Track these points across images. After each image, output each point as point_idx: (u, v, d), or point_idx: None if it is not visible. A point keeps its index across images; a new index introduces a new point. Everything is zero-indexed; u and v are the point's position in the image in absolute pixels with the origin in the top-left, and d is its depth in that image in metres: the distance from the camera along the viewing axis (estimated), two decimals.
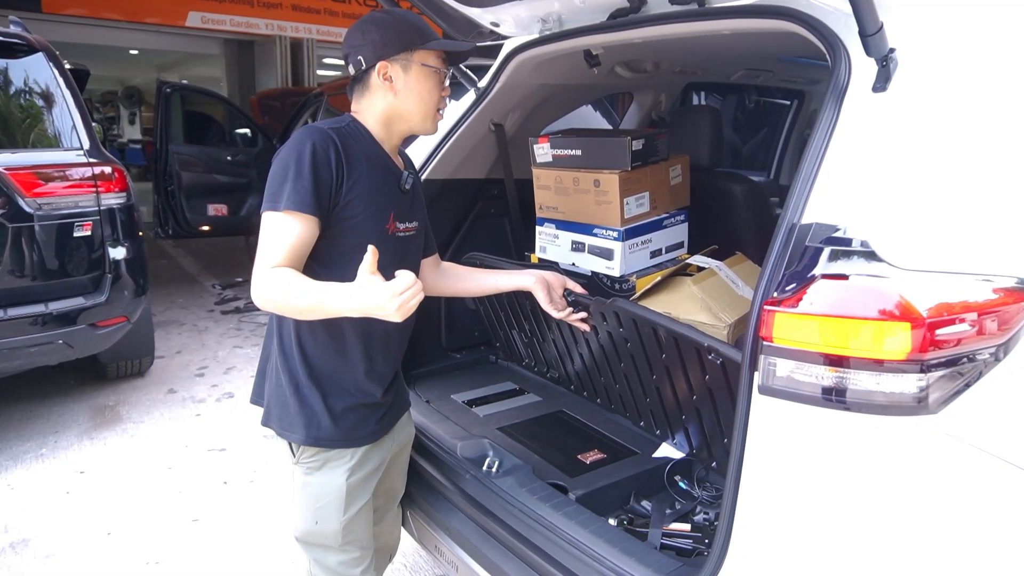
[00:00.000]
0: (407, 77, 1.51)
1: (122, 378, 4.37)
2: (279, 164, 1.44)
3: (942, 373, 1.02)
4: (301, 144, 1.43)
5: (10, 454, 3.44)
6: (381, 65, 1.50)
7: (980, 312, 1.06)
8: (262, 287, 1.38)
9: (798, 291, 1.06)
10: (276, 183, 1.42)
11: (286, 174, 1.41)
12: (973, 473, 1.06)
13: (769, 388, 1.08)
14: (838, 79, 1.32)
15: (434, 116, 1.56)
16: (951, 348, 1.03)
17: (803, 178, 1.24)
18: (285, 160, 1.43)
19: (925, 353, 1.00)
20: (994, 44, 1.36)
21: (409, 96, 1.52)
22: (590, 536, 1.47)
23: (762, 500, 1.14)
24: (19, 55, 3.44)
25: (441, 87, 1.55)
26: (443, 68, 1.54)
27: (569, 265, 2.27)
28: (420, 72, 1.51)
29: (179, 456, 3.45)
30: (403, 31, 1.51)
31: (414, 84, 1.51)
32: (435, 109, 1.55)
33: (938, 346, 1.01)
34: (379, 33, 1.51)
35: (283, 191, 1.40)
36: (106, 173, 3.51)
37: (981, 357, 1.07)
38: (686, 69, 2.73)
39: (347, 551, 1.64)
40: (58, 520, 2.88)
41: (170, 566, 2.61)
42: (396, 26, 1.51)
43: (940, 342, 1.01)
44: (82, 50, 10.87)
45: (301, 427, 1.55)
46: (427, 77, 1.52)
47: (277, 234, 1.40)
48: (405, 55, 1.50)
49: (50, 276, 3.37)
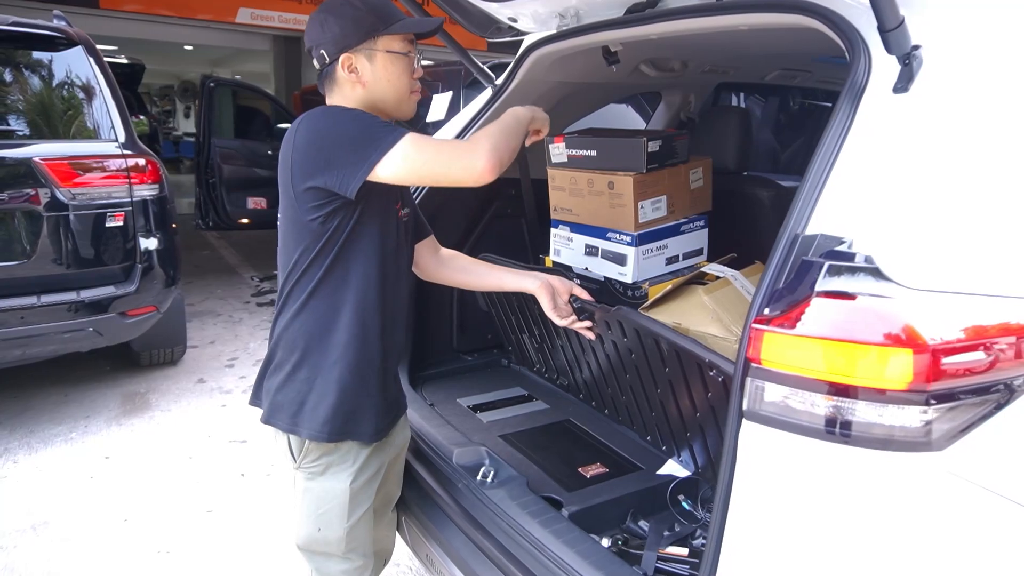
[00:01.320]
0: (373, 67, 1.45)
1: (155, 366, 4.46)
2: (347, 126, 1.36)
3: (950, 406, 0.92)
4: (339, 108, 1.44)
5: (42, 436, 3.53)
6: (344, 58, 1.45)
7: (1000, 338, 0.95)
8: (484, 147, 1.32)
9: (790, 309, 0.96)
10: (367, 135, 1.33)
11: (366, 124, 1.36)
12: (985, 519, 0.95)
13: (756, 414, 0.99)
14: (856, 78, 1.22)
15: (408, 99, 1.51)
16: (962, 378, 0.92)
17: (810, 185, 1.14)
18: (344, 121, 1.37)
19: (930, 383, 0.90)
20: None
21: (378, 85, 1.46)
22: (575, 557, 1.40)
23: (748, 534, 1.05)
24: (60, 48, 3.52)
25: (411, 69, 1.48)
26: (411, 51, 1.47)
27: (582, 269, 2.19)
28: (386, 59, 1.45)
29: (201, 446, 3.49)
30: (361, 19, 1.43)
31: (381, 73, 1.45)
32: (408, 92, 1.50)
33: (946, 376, 0.91)
34: (338, 24, 1.45)
35: (384, 131, 1.34)
36: (139, 165, 3.57)
37: (999, 389, 0.96)
38: (715, 68, 2.61)
39: (350, 559, 1.60)
40: (79, 504, 2.93)
41: (180, 555, 2.63)
42: (354, 15, 1.44)
43: (948, 372, 0.91)
44: (140, 45, 11.25)
45: (310, 422, 1.49)
46: (394, 63, 1.45)
47: (428, 139, 1.37)
48: (368, 44, 1.44)
49: (82, 265, 3.44)
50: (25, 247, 3.31)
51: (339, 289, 1.48)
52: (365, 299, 1.49)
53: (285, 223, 1.50)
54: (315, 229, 1.43)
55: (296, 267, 1.48)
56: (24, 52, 3.51)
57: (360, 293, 1.49)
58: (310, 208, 1.42)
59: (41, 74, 3.54)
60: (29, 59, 3.52)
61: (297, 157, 1.40)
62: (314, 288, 1.48)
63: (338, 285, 1.48)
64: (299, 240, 1.47)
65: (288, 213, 1.47)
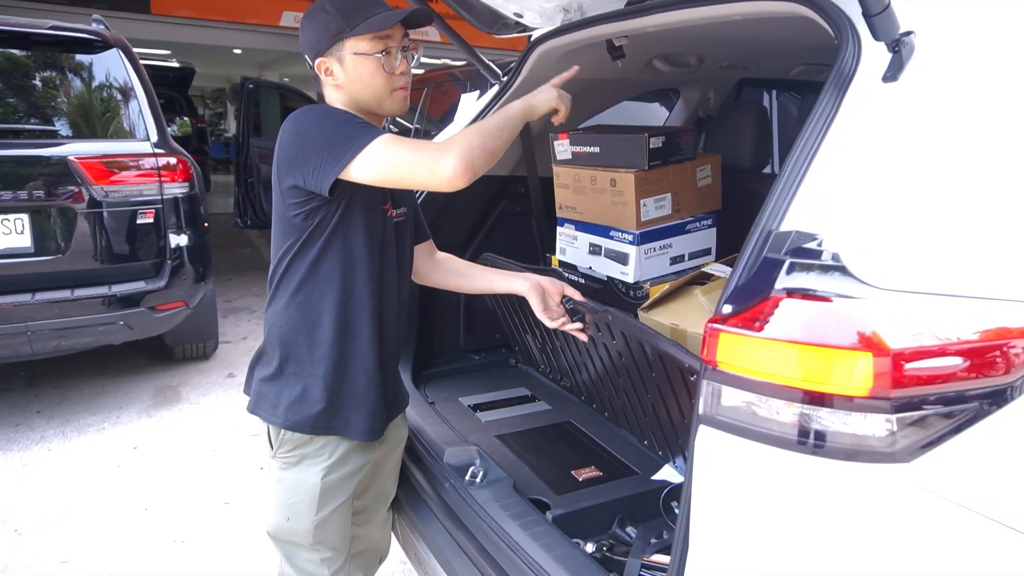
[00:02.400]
0: (344, 69, 1.45)
1: (188, 360, 4.57)
2: (324, 125, 1.37)
3: (919, 415, 0.85)
4: (319, 107, 1.43)
5: (77, 426, 3.66)
6: (319, 62, 1.46)
7: (977, 344, 0.88)
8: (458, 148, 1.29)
9: (746, 309, 0.91)
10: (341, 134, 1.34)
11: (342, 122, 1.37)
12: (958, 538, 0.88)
13: (712, 419, 0.94)
14: (843, 65, 1.16)
15: (390, 96, 1.48)
16: (931, 386, 0.86)
17: (787, 178, 1.08)
18: (322, 120, 1.38)
19: (893, 390, 0.83)
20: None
21: (353, 86, 1.46)
22: (551, 561, 1.36)
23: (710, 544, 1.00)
24: (97, 50, 3.64)
25: (383, 67, 1.45)
26: (386, 47, 1.44)
27: (587, 269, 2.15)
28: (355, 61, 1.44)
29: (225, 439, 3.56)
30: (329, 22, 1.43)
31: (352, 74, 1.45)
32: (388, 90, 1.47)
33: (912, 383, 0.84)
34: (311, 28, 1.46)
35: (358, 130, 1.34)
36: (171, 164, 3.67)
37: (976, 399, 0.88)
38: (733, 64, 2.53)
39: (317, 551, 1.60)
40: (104, 493, 3.02)
41: (194, 545, 2.68)
42: (323, 18, 1.44)
43: (915, 378, 0.84)
44: (192, 49, 11.60)
45: (288, 413, 1.51)
46: (363, 64, 1.44)
47: (400, 141, 1.34)
48: (336, 47, 1.44)
49: (114, 260, 3.55)
50: (60, 243, 3.43)
51: (323, 285, 1.49)
52: (349, 297, 1.50)
53: (275, 218, 1.53)
54: (298, 225, 1.46)
55: (282, 261, 1.51)
56: (62, 55, 3.64)
57: (344, 291, 1.49)
58: (292, 204, 1.44)
59: (79, 76, 3.67)
60: (67, 61, 3.65)
61: (280, 155, 1.43)
62: (299, 283, 1.50)
63: (322, 281, 1.49)
64: (286, 235, 1.50)
65: (277, 208, 1.50)
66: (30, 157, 3.41)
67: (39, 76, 3.63)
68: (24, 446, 3.41)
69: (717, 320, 0.93)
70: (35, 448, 3.40)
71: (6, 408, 3.80)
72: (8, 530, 2.73)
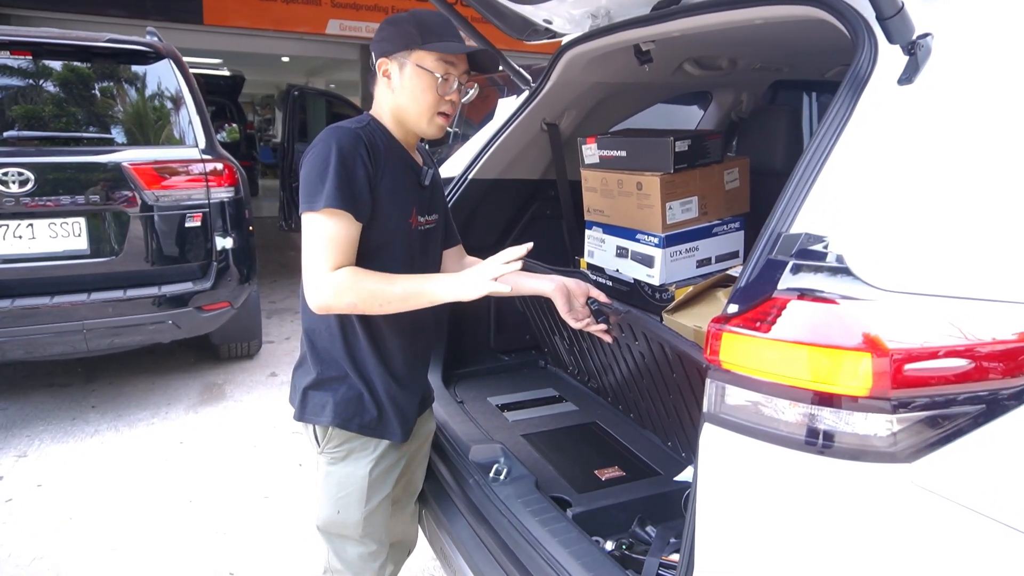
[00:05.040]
0: (402, 76, 1.52)
1: (233, 359, 4.73)
2: (311, 164, 1.43)
3: (921, 416, 0.86)
4: (329, 144, 1.43)
5: (128, 420, 3.83)
6: (381, 61, 1.53)
7: (981, 347, 0.88)
8: (332, 290, 1.37)
9: (749, 309, 0.93)
10: (311, 183, 1.41)
11: (322, 174, 1.40)
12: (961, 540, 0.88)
13: (716, 417, 0.96)
14: (858, 68, 1.16)
15: (430, 118, 1.53)
16: (933, 387, 0.86)
17: (799, 180, 1.09)
18: (317, 160, 1.42)
19: (892, 391, 0.84)
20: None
21: (403, 94, 1.52)
22: (568, 558, 1.39)
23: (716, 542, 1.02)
24: (150, 61, 3.81)
25: (437, 89, 1.50)
26: (445, 72, 1.51)
27: (614, 271, 2.17)
28: (413, 72, 1.50)
29: (266, 435, 3.68)
30: (407, 30, 1.50)
31: (407, 83, 1.51)
32: (431, 111, 1.52)
33: (913, 384, 0.85)
34: (388, 31, 1.54)
35: (320, 190, 1.39)
36: (217, 169, 3.81)
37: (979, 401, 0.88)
38: (767, 66, 2.52)
39: (365, 544, 1.67)
40: (152, 485, 3.16)
41: (235, 538, 2.79)
42: (404, 25, 1.52)
43: (916, 379, 0.85)
44: (242, 58, 11.96)
45: (338, 413, 1.57)
46: (420, 77, 1.50)
47: (322, 234, 1.39)
48: (403, 54, 1.51)
49: (164, 262, 3.71)
50: (114, 245, 3.60)
51: None
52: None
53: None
54: None
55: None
56: (118, 66, 3.81)
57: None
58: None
59: (133, 85, 3.84)
60: (122, 72, 3.82)
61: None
62: None
63: None
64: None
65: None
66: (87, 164, 3.59)
67: (96, 86, 3.81)
68: (79, 439, 3.58)
69: (720, 320, 0.95)
70: (89, 441, 3.57)
71: (65, 403, 3.99)
72: (63, 517, 2.88)
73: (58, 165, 3.50)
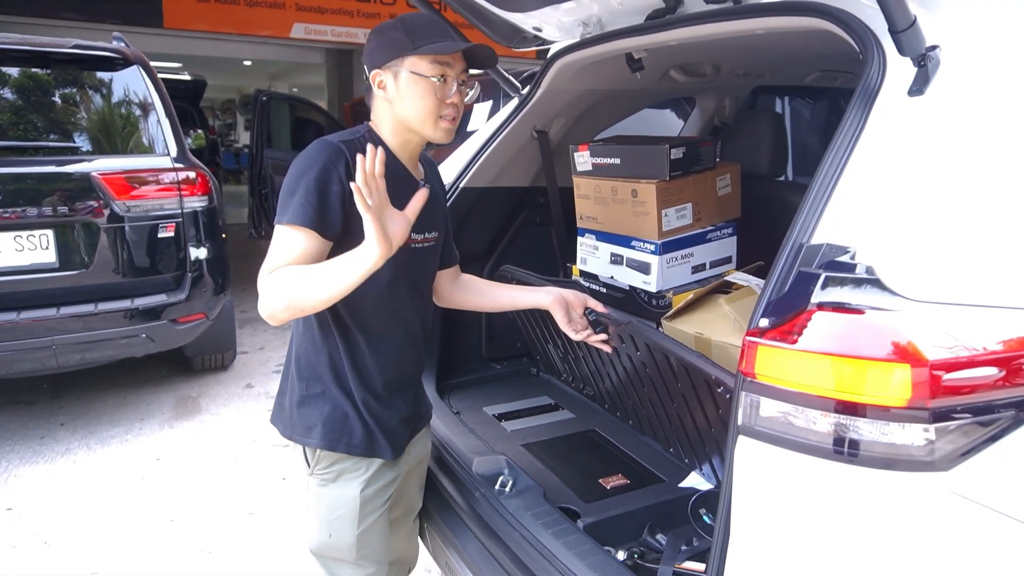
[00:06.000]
0: (397, 84, 1.48)
1: (207, 371, 4.62)
2: (288, 177, 1.43)
3: (956, 424, 0.87)
4: (310, 159, 1.42)
5: (100, 437, 3.70)
6: (374, 74, 1.49)
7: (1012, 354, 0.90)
8: (262, 293, 1.35)
9: (784, 322, 0.93)
10: (283, 196, 1.41)
11: (294, 188, 1.39)
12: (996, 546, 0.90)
13: (751, 429, 0.97)
14: (868, 80, 1.18)
15: (434, 122, 1.49)
16: (968, 396, 0.88)
17: (817, 192, 1.11)
18: (293, 173, 1.42)
19: (931, 400, 0.86)
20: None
21: (402, 103, 1.48)
22: (584, 569, 1.38)
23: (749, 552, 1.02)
24: (118, 67, 3.70)
25: (436, 93, 1.47)
26: (442, 74, 1.47)
27: (608, 278, 2.18)
28: (409, 79, 1.46)
29: (246, 449, 3.60)
30: (396, 37, 1.46)
31: (404, 91, 1.47)
32: (434, 115, 1.48)
33: (950, 393, 0.86)
34: (376, 41, 1.50)
35: (289, 204, 1.39)
36: (190, 178, 3.72)
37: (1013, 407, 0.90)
38: (750, 72, 2.56)
39: (362, 566, 1.62)
40: (130, 504, 3.06)
41: (222, 556, 2.72)
42: (392, 32, 1.47)
43: (952, 388, 0.86)
44: (202, 62, 11.72)
45: (325, 434, 1.54)
46: (416, 83, 1.46)
47: (281, 246, 1.38)
48: (396, 62, 1.46)
49: (136, 274, 3.60)
50: (84, 257, 3.48)
51: (333, 316, 1.51)
52: (357, 326, 1.52)
53: None
54: None
55: None
56: (84, 72, 3.69)
57: (350, 320, 1.51)
58: None
59: (100, 93, 3.73)
60: (89, 79, 3.71)
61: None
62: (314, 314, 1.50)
63: (332, 312, 1.50)
64: None
65: None
66: (54, 174, 3.47)
67: (62, 94, 3.69)
68: (49, 459, 3.46)
69: (755, 333, 0.95)
70: (60, 460, 3.44)
71: (32, 421, 3.85)
72: (38, 542, 2.77)
73: (24, 176, 3.38)
